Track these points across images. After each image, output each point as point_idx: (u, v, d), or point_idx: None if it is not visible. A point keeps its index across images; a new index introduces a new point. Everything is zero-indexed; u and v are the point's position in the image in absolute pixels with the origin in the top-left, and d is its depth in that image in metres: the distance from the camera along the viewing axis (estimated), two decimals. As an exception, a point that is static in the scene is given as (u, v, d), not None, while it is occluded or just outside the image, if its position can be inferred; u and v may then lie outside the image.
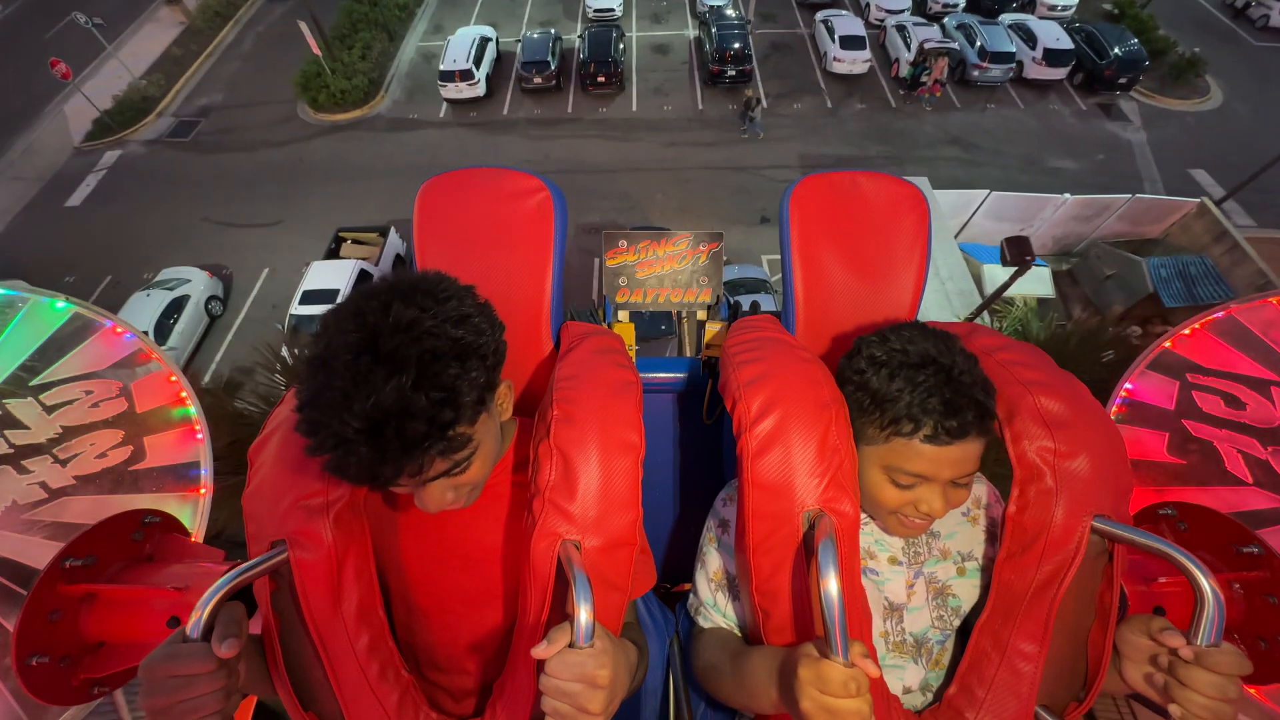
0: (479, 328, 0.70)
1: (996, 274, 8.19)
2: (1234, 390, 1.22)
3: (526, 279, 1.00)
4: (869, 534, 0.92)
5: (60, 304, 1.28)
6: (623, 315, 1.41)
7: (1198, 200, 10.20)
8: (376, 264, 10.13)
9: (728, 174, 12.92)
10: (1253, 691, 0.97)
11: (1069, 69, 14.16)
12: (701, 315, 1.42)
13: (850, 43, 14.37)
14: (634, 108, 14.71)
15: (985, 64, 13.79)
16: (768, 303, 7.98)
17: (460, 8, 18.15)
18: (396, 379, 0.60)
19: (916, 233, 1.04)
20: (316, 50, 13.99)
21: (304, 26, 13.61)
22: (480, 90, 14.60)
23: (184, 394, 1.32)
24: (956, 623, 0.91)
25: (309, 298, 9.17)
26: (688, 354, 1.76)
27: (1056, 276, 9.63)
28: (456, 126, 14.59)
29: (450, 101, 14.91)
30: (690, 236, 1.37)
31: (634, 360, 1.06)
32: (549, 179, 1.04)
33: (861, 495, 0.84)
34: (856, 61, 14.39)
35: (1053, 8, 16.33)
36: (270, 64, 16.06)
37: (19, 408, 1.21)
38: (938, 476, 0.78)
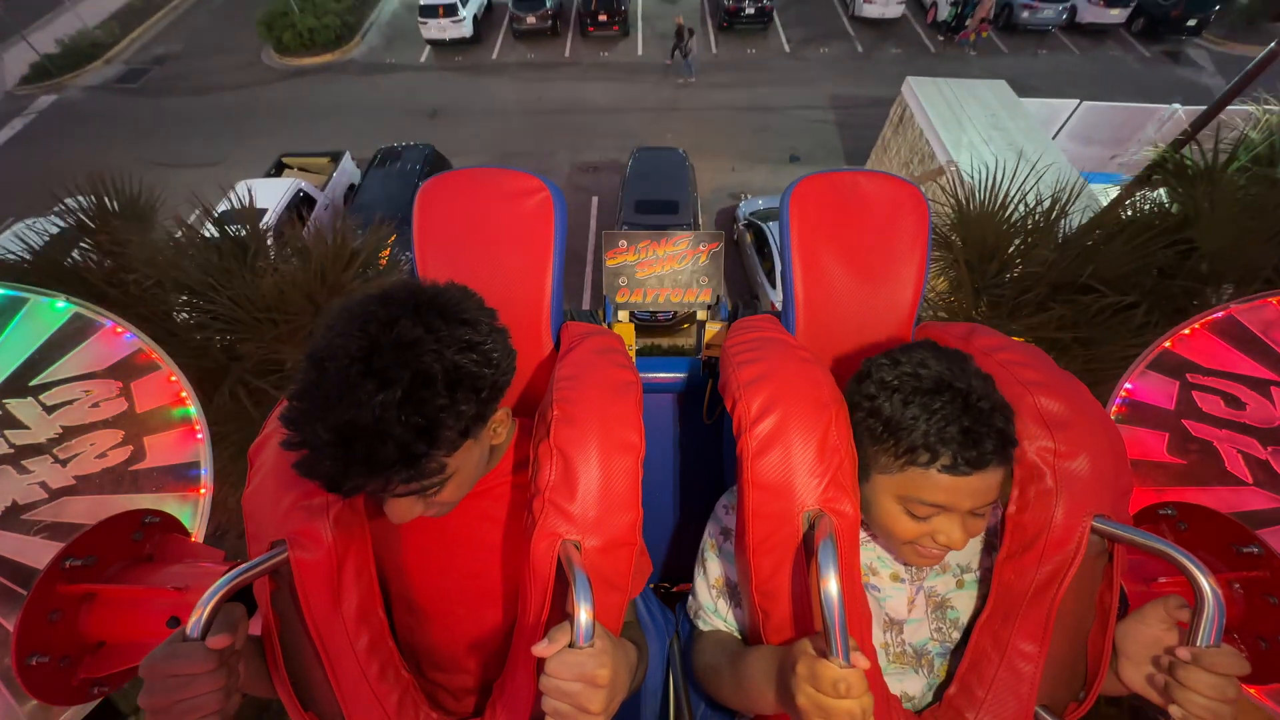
0: (487, 358, 0.68)
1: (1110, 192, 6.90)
2: (1234, 390, 1.21)
3: (526, 279, 1.00)
4: (871, 550, 0.90)
5: (60, 304, 1.28)
6: (623, 315, 1.42)
7: (1338, 112, 8.61)
8: (323, 189, 8.80)
9: (749, 114, 11.75)
10: (1253, 691, 0.97)
11: (1129, 11, 12.43)
12: (702, 315, 1.42)
13: (883, -16, 13.15)
14: (639, 52, 13.35)
15: (1037, 3, 12.09)
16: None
17: (455, -33, 16.64)
18: (381, 396, 0.59)
19: (916, 233, 1.04)
20: (284, -17, 12.11)
21: (269, -46, 11.84)
22: (466, 30, 13.11)
23: (184, 394, 1.32)
24: (956, 635, 0.89)
25: (226, 219, 7.98)
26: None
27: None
28: (439, 70, 13.08)
29: (433, 44, 13.47)
30: (690, 237, 1.38)
31: (634, 360, 1.06)
32: (549, 179, 1.04)
33: (875, 524, 0.83)
34: (890, 4, 13.28)
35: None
36: (242, 18, 14.30)
37: (19, 408, 1.21)
38: (957, 507, 0.74)
